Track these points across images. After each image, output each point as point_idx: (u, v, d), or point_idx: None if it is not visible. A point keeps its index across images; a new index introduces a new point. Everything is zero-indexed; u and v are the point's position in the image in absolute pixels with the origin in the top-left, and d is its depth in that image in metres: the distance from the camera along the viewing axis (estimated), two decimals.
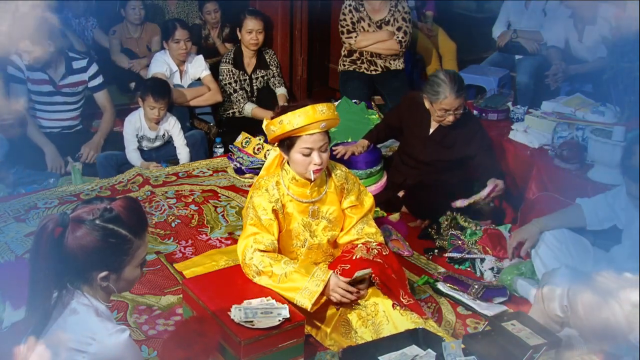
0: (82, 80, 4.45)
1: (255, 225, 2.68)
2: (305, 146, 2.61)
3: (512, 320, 2.61)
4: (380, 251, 2.79)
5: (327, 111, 2.59)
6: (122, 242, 1.79)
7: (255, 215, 2.68)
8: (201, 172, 4.36)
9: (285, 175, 2.74)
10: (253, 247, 2.63)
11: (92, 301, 1.82)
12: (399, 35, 4.92)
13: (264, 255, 2.62)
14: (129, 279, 1.88)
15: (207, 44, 5.71)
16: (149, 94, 4.30)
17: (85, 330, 1.76)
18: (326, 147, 2.65)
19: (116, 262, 1.81)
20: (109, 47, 5.54)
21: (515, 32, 5.25)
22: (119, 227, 1.78)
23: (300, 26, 5.56)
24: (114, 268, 1.81)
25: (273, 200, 2.70)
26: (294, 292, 2.56)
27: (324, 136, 2.63)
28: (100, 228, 1.76)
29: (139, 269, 1.89)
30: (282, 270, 2.59)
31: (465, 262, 3.38)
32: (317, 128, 2.58)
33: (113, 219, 1.77)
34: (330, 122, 2.62)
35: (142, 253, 1.86)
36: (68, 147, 4.45)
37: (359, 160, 3.97)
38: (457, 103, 3.56)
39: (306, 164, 2.64)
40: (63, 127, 4.49)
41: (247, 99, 4.95)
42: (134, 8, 5.44)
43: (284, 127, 2.58)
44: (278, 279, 2.58)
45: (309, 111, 2.56)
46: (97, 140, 4.44)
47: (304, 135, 2.59)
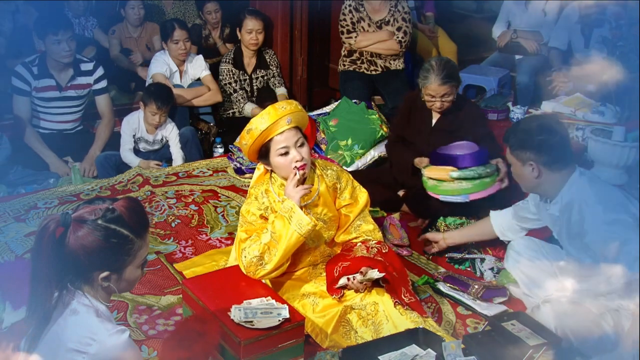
0: (87, 83, 4.45)
1: (246, 231, 2.72)
2: (280, 146, 2.64)
3: (512, 320, 2.61)
4: (380, 249, 2.79)
5: (288, 106, 2.64)
6: (124, 243, 1.79)
7: (245, 222, 2.73)
8: (201, 172, 4.36)
9: (274, 182, 2.77)
10: (245, 249, 2.67)
11: (92, 301, 1.82)
12: (399, 35, 4.92)
13: (250, 245, 2.66)
14: (130, 279, 1.88)
15: (208, 44, 5.71)
16: (152, 100, 4.30)
17: (85, 330, 1.76)
18: (302, 142, 2.67)
19: (117, 262, 1.81)
20: (109, 46, 5.54)
21: (515, 32, 5.25)
22: (121, 227, 1.78)
23: (300, 26, 5.56)
24: (115, 268, 1.81)
25: (262, 207, 2.73)
26: (287, 232, 2.58)
27: (296, 132, 2.66)
28: (103, 228, 1.76)
29: (140, 269, 1.89)
30: (267, 235, 2.62)
31: (465, 262, 3.38)
32: (284, 125, 2.62)
33: (115, 220, 1.78)
34: (295, 116, 2.65)
35: (143, 253, 1.86)
36: (68, 147, 4.46)
37: (464, 157, 3.52)
38: (442, 90, 3.60)
39: (288, 164, 2.65)
40: (64, 129, 4.50)
41: (247, 99, 4.95)
42: (133, 8, 5.44)
43: (253, 134, 2.62)
44: (273, 241, 2.61)
45: (270, 111, 2.62)
46: (93, 153, 4.42)
47: (275, 136, 2.63)
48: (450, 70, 3.60)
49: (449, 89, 3.61)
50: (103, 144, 4.50)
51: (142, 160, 4.38)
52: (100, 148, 4.47)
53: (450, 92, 3.63)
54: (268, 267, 2.64)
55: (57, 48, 4.20)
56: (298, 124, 2.68)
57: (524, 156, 2.66)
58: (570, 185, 2.63)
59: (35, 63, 4.30)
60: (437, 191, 3.49)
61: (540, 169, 2.63)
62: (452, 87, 3.62)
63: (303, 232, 2.58)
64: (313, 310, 2.73)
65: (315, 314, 2.71)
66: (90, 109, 4.66)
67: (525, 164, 2.66)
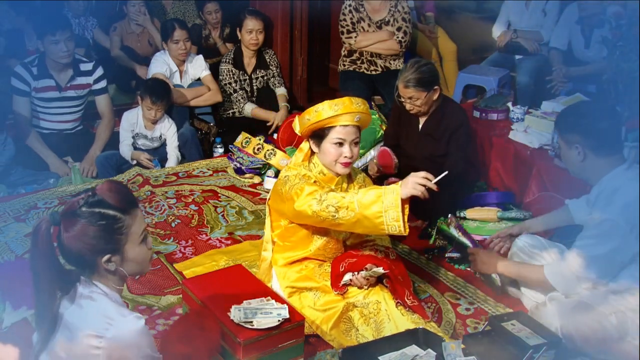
0: (87, 84, 4.45)
1: (311, 186, 2.59)
2: (338, 137, 2.64)
3: (512, 320, 2.61)
4: (388, 255, 2.83)
5: (363, 105, 2.66)
6: (112, 222, 1.79)
7: (304, 181, 2.62)
8: (201, 172, 4.36)
9: (314, 168, 2.76)
10: (322, 197, 2.53)
11: (104, 289, 1.83)
12: (399, 35, 4.92)
13: (332, 196, 2.52)
14: (136, 259, 1.87)
15: (208, 44, 5.71)
16: (147, 95, 4.33)
17: (101, 315, 1.77)
18: (358, 141, 2.69)
19: (112, 243, 1.81)
20: (110, 43, 5.53)
21: (516, 32, 5.25)
22: (105, 208, 1.79)
23: (300, 26, 5.56)
24: (113, 250, 1.82)
25: (311, 182, 2.65)
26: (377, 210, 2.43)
27: (357, 130, 2.68)
28: (88, 214, 1.77)
29: (144, 246, 1.89)
30: (353, 195, 2.49)
31: (465, 262, 3.38)
32: (352, 120, 2.63)
33: (97, 203, 1.79)
34: (364, 117, 2.67)
35: (137, 229, 1.85)
36: (68, 147, 4.46)
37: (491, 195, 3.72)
38: (407, 93, 3.62)
39: (337, 156, 2.66)
40: (64, 129, 4.50)
41: (247, 99, 4.95)
42: (134, 6, 5.44)
43: (320, 114, 2.62)
44: (355, 205, 2.46)
45: (346, 101, 2.63)
46: (93, 154, 4.42)
47: (338, 126, 2.63)
48: (420, 75, 3.58)
49: (415, 93, 3.60)
50: (103, 144, 4.50)
51: (134, 152, 4.39)
52: (100, 148, 4.47)
53: (417, 96, 3.62)
54: (340, 221, 2.49)
55: (55, 48, 4.20)
56: (361, 125, 2.70)
57: (570, 138, 2.68)
58: (614, 176, 2.62)
59: (35, 63, 4.30)
60: (482, 232, 3.48)
61: (585, 153, 2.65)
62: (418, 91, 3.60)
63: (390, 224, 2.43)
64: (314, 303, 2.74)
65: (316, 307, 2.72)
66: (90, 109, 4.66)
67: (572, 146, 2.68)
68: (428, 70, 3.63)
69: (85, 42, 5.51)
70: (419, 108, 3.68)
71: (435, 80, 3.66)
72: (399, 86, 3.64)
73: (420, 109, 3.68)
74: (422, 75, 3.59)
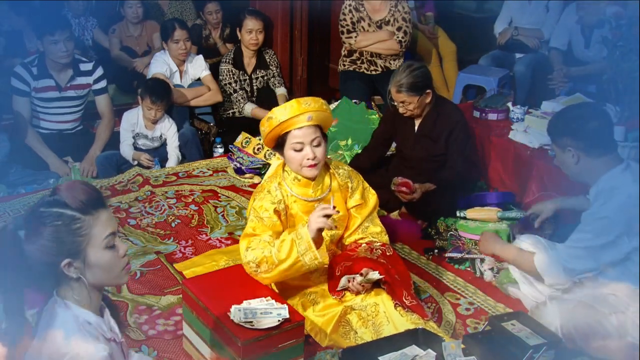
0: (87, 84, 4.45)
1: (255, 228, 2.68)
2: (295, 141, 2.62)
3: (512, 320, 2.61)
4: (384, 252, 2.79)
5: (313, 104, 2.61)
6: (69, 223, 1.67)
7: (256, 217, 2.68)
8: (201, 172, 4.36)
9: (287, 176, 2.74)
10: (249, 248, 2.64)
11: (72, 308, 1.71)
12: (399, 35, 4.92)
13: (256, 246, 2.62)
14: (100, 265, 1.72)
15: (208, 44, 5.71)
16: (147, 94, 4.33)
17: (59, 343, 1.65)
18: (319, 141, 2.65)
19: (71, 245, 1.68)
20: (109, 45, 5.54)
21: (517, 29, 5.25)
22: (63, 208, 1.68)
23: (300, 26, 5.56)
24: (72, 253, 1.69)
25: (275, 201, 2.69)
26: (293, 259, 2.54)
27: (315, 130, 2.63)
28: (46, 214, 1.67)
29: (111, 252, 1.73)
30: (271, 249, 2.58)
31: (465, 262, 3.38)
32: (304, 121, 2.60)
33: (55, 202, 1.69)
34: (318, 114, 2.62)
35: (100, 232, 1.70)
36: (68, 147, 4.46)
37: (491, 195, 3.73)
38: (399, 97, 3.63)
39: (300, 160, 2.64)
40: (64, 129, 4.50)
41: (247, 99, 4.95)
42: (131, 7, 5.45)
43: (272, 122, 2.61)
44: (274, 259, 2.56)
45: (294, 104, 2.60)
46: (93, 154, 4.41)
47: (293, 130, 2.61)
48: (412, 80, 3.57)
49: (407, 97, 3.61)
50: (103, 144, 4.50)
51: (135, 152, 4.40)
52: (100, 148, 4.47)
53: (410, 100, 3.62)
54: (263, 275, 2.62)
55: (54, 48, 4.19)
56: (319, 123, 2.66)
57: (562, 142, 2.71)
58: (612, 176, 2.63)
59: (35, 63, 4.30)
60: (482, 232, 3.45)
61: (579, 155, 2.67)
62: (410, 96, 3.60)
63: (309, 264, 2.56)
64: (313, 309, 2.73)
65: (315, 312, 2.72)
66: (90, 109, 4.66)
67: (565, 150, 2.71)
68: (420, 74, 3.62)
69: (85, 42, 5.52)
70: (412, 112, 3.68)
71: (427, 84, 3.66)
72: (392, 90, 3.64)
73: (413, 112, 3.69)
74: (414, 80, 3.58)
